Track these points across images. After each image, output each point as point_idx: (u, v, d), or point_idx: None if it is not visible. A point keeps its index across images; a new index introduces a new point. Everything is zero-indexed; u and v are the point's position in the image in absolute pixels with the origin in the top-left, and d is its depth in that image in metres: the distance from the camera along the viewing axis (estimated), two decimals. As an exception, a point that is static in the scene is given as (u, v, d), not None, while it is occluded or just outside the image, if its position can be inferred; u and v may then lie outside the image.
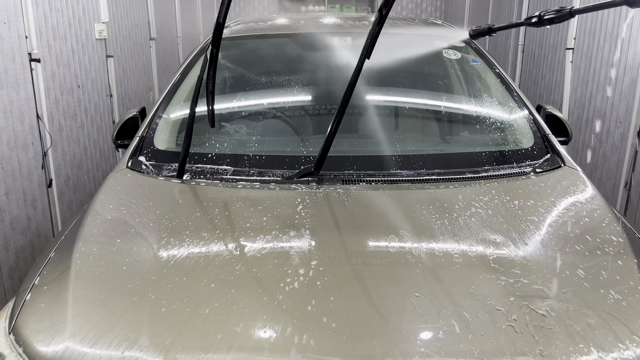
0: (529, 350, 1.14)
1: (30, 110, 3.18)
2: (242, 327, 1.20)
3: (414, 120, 2.17)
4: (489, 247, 1.46)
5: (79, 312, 1.28)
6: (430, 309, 1.23)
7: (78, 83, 3.87)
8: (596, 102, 4.12)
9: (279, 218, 1.60)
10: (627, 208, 3.61)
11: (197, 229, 1.56)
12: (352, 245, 1.50)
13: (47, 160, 3.39)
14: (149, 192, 1.82)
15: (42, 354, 1.19)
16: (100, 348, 1.17)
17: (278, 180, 1.82)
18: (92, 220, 1.66)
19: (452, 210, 1.62)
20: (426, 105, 2.26)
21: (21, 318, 1.31)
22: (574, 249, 1.49)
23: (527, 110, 2.27)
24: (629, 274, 1.41)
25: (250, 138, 2.13)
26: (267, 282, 1.34)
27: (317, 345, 1.15)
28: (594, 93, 4.15)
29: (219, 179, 1.85)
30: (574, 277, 1.37)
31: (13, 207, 2.99)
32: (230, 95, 2.35)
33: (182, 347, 1.16)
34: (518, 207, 1.67)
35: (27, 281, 1.48)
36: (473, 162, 1.96)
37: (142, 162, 2.00)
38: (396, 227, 1.54)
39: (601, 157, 4.02)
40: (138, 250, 1.50)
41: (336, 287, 1.31)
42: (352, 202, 1.68)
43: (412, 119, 2.17)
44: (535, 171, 1.93)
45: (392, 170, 1.89)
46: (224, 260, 1.42)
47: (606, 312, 1.27)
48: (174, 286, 1.33)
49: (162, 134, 2.17)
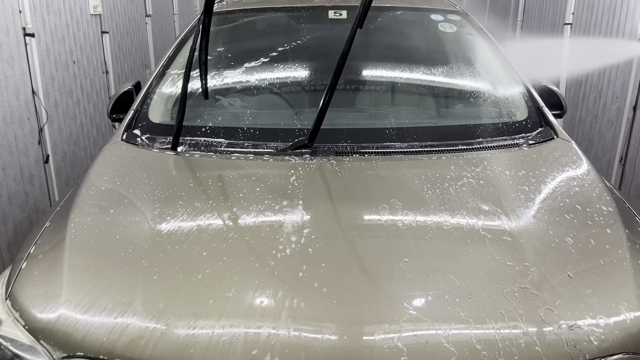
0: (515, 315, 1.16)
1: (25, 86, 3.17)
2: (233, 292, 1.22)
3: (407, 93, 2.17)
4: (479, 216, 1.48)
5: (73, 279, 1.30)
6: (419, 274, 1.25)
7: (73, 59, 3.85)
8: (593, 78, 4.11)
9: (272, 189, 1.61)
10: (622, 183, 3.63)
11: (191, 199, 1.58)
12: (344, 214, 1.52)
13: (44, 136, 3.40)
14: (144, 164, 1.83)
15: (38, 318, 1.22)
16: (94, 313, 1.20)
17: (272, 152, 1.83)
18: (87, 191, 1.67)
19: (443, 181, 1.64)
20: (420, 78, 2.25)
21: (17, 285, 1.34)
22: (564, 218, 1.51)
23: (522, 83, 2.27)
24: (617, 242, 1.43)
25: (244, 111, 2.13)
26: (259, 249, 1.36)
27: (308, 309, 1.17)
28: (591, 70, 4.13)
29: (213, 151, 1.86)
30: (562, 245, 1.39)
31: (10, 182, 3.00)
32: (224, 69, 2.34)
33: (174, 312, 1.18)
34: (509, 178, 1.68)
35: (23, 250, 1.50)
36: (466, 135, 1.96)
37: (137, 134, 2.00)
38: (388, 197, 1.56)
39: (597, 132, 4.03)
40: (132, 219, 1.51)
41: (327, 254, 1.33)
42: (345, 173, 1.69)
43: (406, 91, 2.17)
44: (527, 143, 1.94)
45: (385, 142, 1.89)
46: (217, 228, 1.44)
47: (594, 280, 1.29)
48: (166, 254, 1.35)
49: (156, 107, 2.17)
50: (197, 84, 2.04)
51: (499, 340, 1.10)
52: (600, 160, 3.93)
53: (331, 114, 1.82)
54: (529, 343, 1.11)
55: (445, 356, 1.07)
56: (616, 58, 3.71)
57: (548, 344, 1.11)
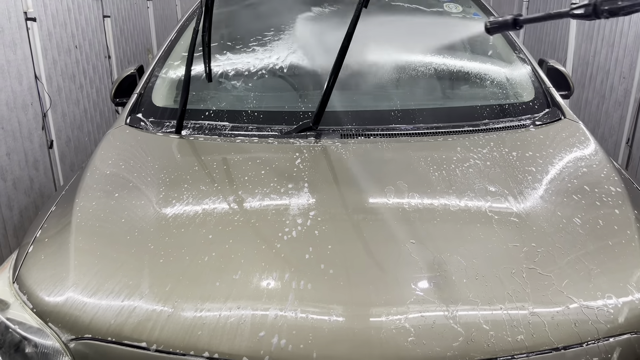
0: (523, 295, 1.16)
1: (28, 71, 3.15)
2: (240, 274, 1.22)
3: (413, 74, 2.14)
4: (486, 197, 1.47)
5: (80, 262, 1.30)
6: (426, 255, 1.25)
7: (75, 43, 3.83)
8: (600, 58, 4.06)
9: (277, 171, 1.61)
10: (629, 164, 3.60)
11: (196, 182, 1.57)
12: (350, 196, 1.51)
13: (47, 122, 3.39)
14: (148, 147, 1.82)
15: (46, 301, 1.22)
16: (101, 295, 1.20)
17: (276, 135, 1.82)
18: (92, 175, 1.67)
19: (450, 162, 1.62)
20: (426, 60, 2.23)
21: (24, 269, 1.34)
22: (572, 198, 1.49)
23: (529, 63, 2.24)
24: (626, 223, 1.41)
25: (248, 94, 2.11)
26: (265, 231, 1.35)
27: (315, 290, 1.17)
28: (599, 49, 4.08)
29: (217, 134, 1.84)
30: (570, 226, 1.38)
31: (15, 167, 3.00)
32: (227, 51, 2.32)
33: (181, 294, 1.18)
34: (516, 158, 1.66)
35: (29, 234, 1.50)
36: (472, 116, 1.94)
37: (141, 118, 1.99)
38: (394, 179, 1.54)
39: (604, 114, 3.99)
40: (137, 203, 1.51)
41: (333, 236, 1.33)
42: (350, 156, 1.68)
43: (411, 73, 2.15)
44: (534, 124, 1.92)
45: (390, 124, 1.88)
46: (222, 211, 1.44)
47: (602, 261, 1.28)
48: (172, 237, 1.35)
49: (159, 90, 2.16)
50: (201, 67, 2.02)
51: (507, 321, 1.10)
52: (607, 142, 3.90)
53: (336, 96, 1.80)
54: (537, 323, 1.10)
55: (452, 337, 1.07)
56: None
57: (556, 324, 1.11)
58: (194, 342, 1.08)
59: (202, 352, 1.07)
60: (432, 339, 1.06)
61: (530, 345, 1.07)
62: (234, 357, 1.06)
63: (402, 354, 1.04)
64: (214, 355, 1.06)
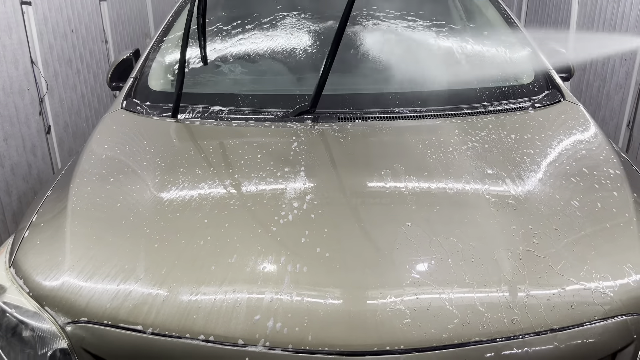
0: (519, 277, 1.15)
1: (24, 56, 3.13)
2: (236, 258, 1.21)
3: (411, 57, 2.12)
4: (483, 180, 1.46)
5: (76, 247, 1.30)
6: (422, 238, 1.24)
7: (71, 28, 3.79)
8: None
9: (273, 155, 1.60)
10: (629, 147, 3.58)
11: (192, 166, 1.56)
12: (346, 180, 1.50)
13: (44, 107, 3.37)
14: (144, 131, 1.81)
15: (42, 285, 1.22)
16: (97, 279, 1.20)
17: (273, 118, 1.81)
18: (88, 159, 1.66)
19: (447, 145, 1.61)
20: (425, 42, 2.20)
21: (20, 253, 1.34)
22: (570, 181, 1.48)
23: (529, 45, 2.21)
24: (624, 206, 1.41)
25: (245, 77, 2.10)
26: (260, 215, 1.35)
27: (310, 274, 1.17)
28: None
29: (213, 118, 1.83)
30: (568, 208, 1.37)
31: (13, 153, 3.00)
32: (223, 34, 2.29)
33: (176, 278, 1.18)
34: (514, 141, 1.65)
35: (25, 219, 1.50)
36: (471, 98, 1.93)
37: (137, 102, 1.98)
38: (391, 162, 1.54)
39: (605, 96, 3.96)
40: (133, 187, 1.50)
41: (329, 219, 1.32)
42: (348, 139, 1.67)
43: (409, 55, 2.12)
44: (534, 106, 1.90)
45: (388, 107, 1.86)
46: (218, 195, 1.43)
47: (599, 243, 1.27)
48: (168, 221, 1.35)
49: (156, 74, 2.14)
50: (197, 51, 2.00)
51: (503, 303, 1.10)
52: (608, 125, 3.88)
53: (333, 80, 1.78)
54: (533, 305, 1.10)
55: (448, 318, 1.07)
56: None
57: (552, 305, 1.10)
58: (189, 326, 1.08)
59: (197, 335, 1.07)
60: (427, 321, 1.06)
61: (526, 326, 1.07)
62: (230, 340, 1.06)
63: (397, 335, 1.04)
64: (210, 338, 1.06)
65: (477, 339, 1.05)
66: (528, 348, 1.05)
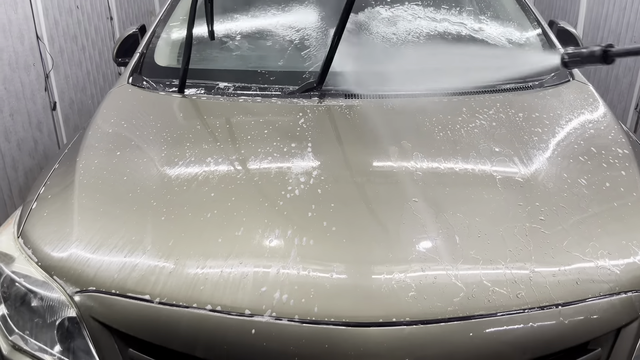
0: (525, 253, 1.15)
1: (29, 31, 3.11)
2: (242, 231, 1.22)
3: (419, 35, 2.10)
4: (490, 157, 1.45)
5: (83, 218, 1.31)
6: (428, 213, 1.24)
7: (77, 4, 3.77)
8: (611, 22, 3.97)
9: (280, 131, 1.59)
10: (637, 130, 3.56)
11: (198, 140, 1.56)
12: (353, 156, 1.50)
13: (50, 83, 3.36)
14: (150, 106, 1.80)
15: (51, 255, 1.23)
16: (105, 250, 1.20)
17: (280, 94, 1.80)
18: (94, 133, 1.66)
19: (455, 123, 1.61)
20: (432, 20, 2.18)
21: (28, 224, 1.35)
22: (578, 160, 1.48)
23: (538, 24, 2.19)
24: (632, 185, 1.40)
25: (252, 53, 2.08)
26: (267, 190, 1.35)
27: (317, 247, 1.17)
28: (610, 12, 3.99)
29: (220, 94, 1.83)
30: (575, 186, 1.37)
31: (19, 128, 3.00)
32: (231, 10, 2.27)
33: (184, 249, 1.18)
34: (523, 119, 1.64)
35: (33, 192, 1.50)
36: (480, 77, 1.91)
37: (143, 77, 1.97)
38: (398, 139, 1.53)
39: (613, 79, 3.92)
40: (139, 161, 1.50)
41: (336, 194, 1.32)
42: (354, 115, 1.66)
43: (417, 34, 2.10)
44: (542, 85, 1.88)
45: (395, 85, 1.85)
46: (225, 170, 1.43)
47: (606, 221, 1.27)
48: (174, 194, 1.35)
49: (162, 49, 2.13)
50: (203, 26, 1.99)
51: (508, 278, 1.10)
52: (616, 108, 3.85)
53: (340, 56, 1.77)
54: (538, 280, 1.10)
55: (453, 292, 1.07)
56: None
57: (557, 281, 1.11)
58: (196, 296, 1.09)
59: (204, 305, 1.08)
60: (433, 294, 1.07)
61: (531, 301, 1.07)
62: (237, 310, 1.07)
63: (402, 308, 1.04)
64: (217, 308, 1.07)
65: (482, 312, 1.05)
66: (533, 322, 1.06)
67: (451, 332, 1.04)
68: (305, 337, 1.03)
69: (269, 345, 1.04)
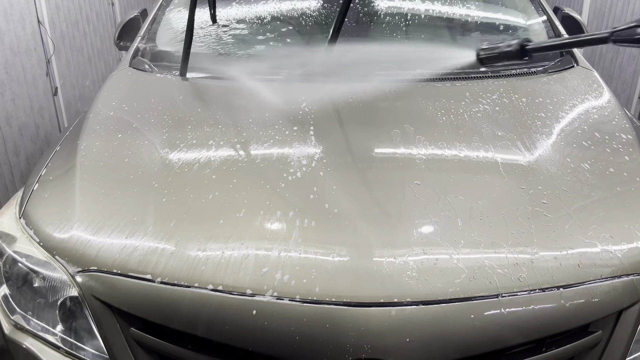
0: (527, 236, 1.15)
1: (31, 15, 3.10)
2: (244, 213, 1.22)
3: (424, 20, 2.09)
4: (493, 141, 1.45)
5: (85, 199, 1.31)
6: (430, 196, 1.24)
7: (78, -12, 3.75)
8: (616, 10, 3.94)
9: (282, 114, 1.59)
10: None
11: (200, 123, 1.56)
12: (356, 139, 1.49)
13: (51, 68, 3.35)
14: (152, 89, 1.80)
15: (53, 236, 1.23)
16: (106, 231, 1.20)
17: (282, 78, 1.79)
18: (96, 115, 1.66)
19: (458, 107, 1.60)
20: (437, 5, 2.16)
21: (30, 205, 1.35)
22: (581, 145, 1.47)
23: (543, 10, 2.17)
24: (636, 171, 1.40)
25: (253, 37, 2.07)
26: (269, 172, 1.34)
27: (319, 228, 1.17)
28: (615, 1, 3.95)
29: (221, 77, 1.82)
30: (578, 171, 1.36)
31: (20, 113, 2.99)
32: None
33: (185, 230, 1.18)
34: (526, 104, 1.63)
35: (34, 174, 1.50)
36: (483, 62, 1.89)
37: (144, 61, 1.96)
38: (401, 122, 1.52)
39: (617, 68, 3.90)
40: (141, 143, 1.50)
41: (338, 176, 1.32)
42: (357, 99, 1.65)
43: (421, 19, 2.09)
44: (546, 70, 1.87)
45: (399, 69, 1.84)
46: (226, 152, 1.43)
47: (609, 206, 1.27)
48: (176, 176, 1.35)
49: (164, 33, 2.12)
50: (205, 9, 1.98)
51: (509, 260, 1.10)
52: (620, 96, 3.83)
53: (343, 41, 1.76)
54: (540, 263, 1.10)
55: (455, 273, 1.07)
56: None
57: (559, 263, 1.11)
58: (198, 276, 1.09)
59: (206, 284, 1.08)
60: (434, 275, 1.07)
61: (532, 283, 1.07)
62: (238, 290, 1.07)
63: (404, 288, 1.04)
64: (218, 287, 1.07)
65: (483, 294, 1.05)
66: (534, 304, 1.06)
67: (452, 313, 1.04)
68: (306, 317, 1.04)
69: (270, 324, 1.04)
